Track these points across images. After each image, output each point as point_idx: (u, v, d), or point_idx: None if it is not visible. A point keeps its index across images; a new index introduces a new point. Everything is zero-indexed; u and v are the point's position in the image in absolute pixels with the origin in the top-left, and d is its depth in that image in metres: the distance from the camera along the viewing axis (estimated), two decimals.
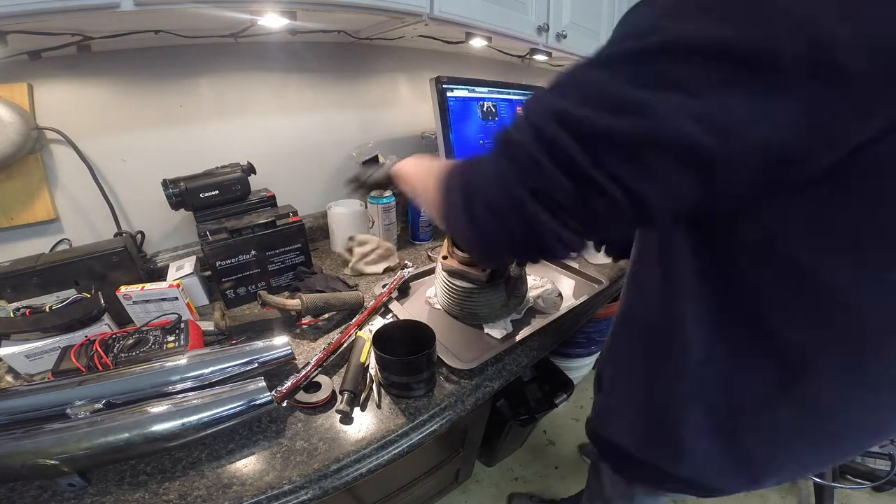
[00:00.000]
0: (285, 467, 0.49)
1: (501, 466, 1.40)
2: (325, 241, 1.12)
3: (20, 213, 0.74)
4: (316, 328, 0.76)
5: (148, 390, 0.53)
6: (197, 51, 0.84)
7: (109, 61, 0.76)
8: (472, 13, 0.85)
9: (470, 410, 0.62)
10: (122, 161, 0.83)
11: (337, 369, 0.65)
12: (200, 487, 0.47)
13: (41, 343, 0.62)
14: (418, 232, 1.11)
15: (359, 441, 0.53)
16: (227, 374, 0.57)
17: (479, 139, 1.22)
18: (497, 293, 0.73)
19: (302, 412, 0.57)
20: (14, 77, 0.69)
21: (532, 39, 1.05)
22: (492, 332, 0.75)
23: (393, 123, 1.26)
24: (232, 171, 0.86)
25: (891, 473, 1.22)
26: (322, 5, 0.64)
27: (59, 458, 0.43)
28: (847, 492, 1.32)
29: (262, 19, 0.69)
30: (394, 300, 0.83)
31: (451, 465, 0.97)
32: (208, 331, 0.69)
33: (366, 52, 1.10)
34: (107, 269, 0.72)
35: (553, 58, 1.31)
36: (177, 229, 0.94)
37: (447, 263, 0.73)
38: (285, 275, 0.88)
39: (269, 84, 0.97)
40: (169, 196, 0.79)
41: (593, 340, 1.46)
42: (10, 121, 0.66)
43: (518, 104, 1.38)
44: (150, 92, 0.83)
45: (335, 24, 0.90)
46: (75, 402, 0.50)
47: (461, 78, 1.15)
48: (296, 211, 0.86)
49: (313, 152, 1.10)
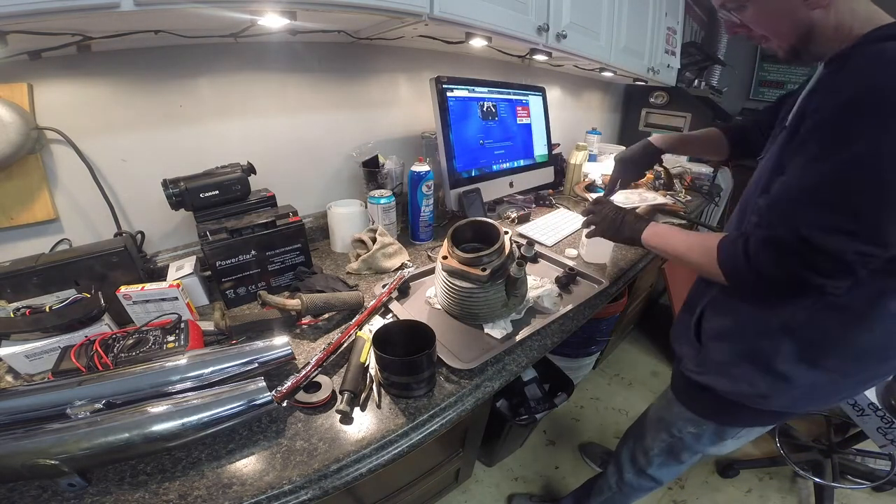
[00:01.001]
0: (285, 467, 0.49)
1: (501, 466, 1.40)
2: (325, 241, 1.12)
3: (20, 213, 0.74)
4: (316, 328, 0.76)
5: (148, 390, 0.53)
6: (197, 51, 0.84)
7: (109, 61, 0.76)
8: (472, 13, 0.85)
9: (470, 410, 0.62)
10: (122, 161, 0.83)
11: (337, 369, 0.65)
12: (200, 487, 0.47)
13: (41, 343, 0.62)
14: (418, 232, 1.11)
15: (359, 441, 0.53)
16: (227, 374, 0.57)
17: (479, 139, 1.22)
18: (497, 293, 0.73)
19: (302, 412, 0.57)
20: (14, 77, 0.69)
21: (532, 39, 1.05)
22: (492, 332, 0.75)
23: (393, 123, 1.26)
24: (232, 171, 0.86)
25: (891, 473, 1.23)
26: (322, 5, 0.64)
27: (59, 458, 0.43)
28: (847, 492, 1.32)
29: (262, 19, 0.69)
30: (394, 300, 0.83)
31: (451, 465, 0.97)
32: (208, 331, 0.69)
33: (366, 52, 1.10)
34: (107, 269, 0.72)
35: (553, 58, 1.31)
36: (177, 229, 0.94)
37: (447, 263, 0.73)
38: (285, 275, 0.88)
39: (269, 84, 0.97)
40: (169, 196, 0.79)
41: (593, 340, 1.46)
42: (10, 121, 0.66)
43: (518, 104, 1.38)
44: (150, 92, 0.83)
45: (335, 24, 0.90)
46: (75, 402, 0.50)
47: (461, 78, 1.15)
48: (296, 211, 0.86)
49: (313, 152, 1.10)
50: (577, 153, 1.58)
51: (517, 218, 1.28)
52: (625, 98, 2.47)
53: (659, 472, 0.87)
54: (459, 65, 1.38)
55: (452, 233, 0.76)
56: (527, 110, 1.43)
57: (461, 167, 1.15)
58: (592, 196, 1.49)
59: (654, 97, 2.26)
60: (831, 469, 1.30)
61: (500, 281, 0.72)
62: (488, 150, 1.26)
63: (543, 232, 1.18)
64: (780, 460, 1.36)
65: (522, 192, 1.43)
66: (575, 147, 1.61)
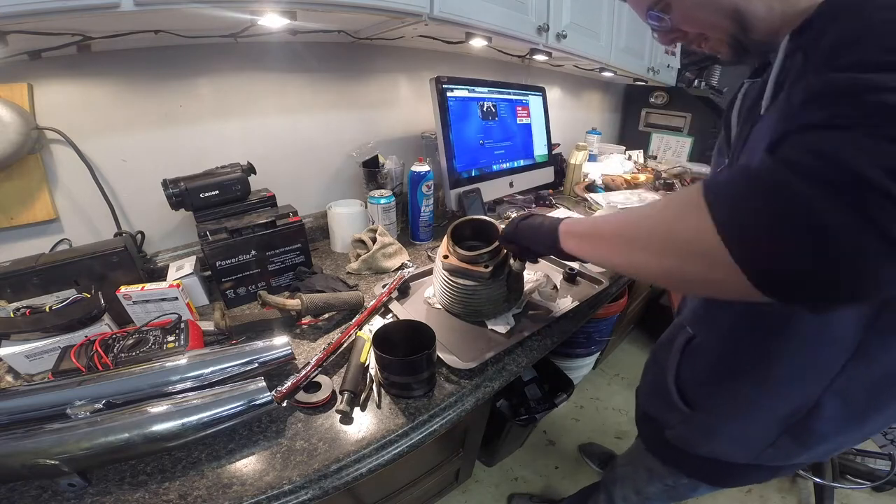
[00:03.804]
0: (285, 467, 0.49)
1: (501, 466, 1.40)
2: (325, 241, 1.12)
3: (20, 213, 0.74)
4: (316, 328, 0.76)
5: (148, 390, 0.53)
6: (197, 51, 0.84)
7: (109, 61, 0.76)
8: (472, 13, 0.85)
9: (470, 410, 0.62)
10: (122, 161, 0.83)
11: (337, 369, 0.65)
12: (200, 487, 0.47)
13: (41, 343, 0.62)
14: (418, 232, 1.11)
15: (359, 441, 0.53)
16: (227, 374, 0.57)
17: (479, 139, 1.22)
18: (498, 289, 0.73)
19: (302, 412, 0.57)
20: (14, 77, 0.69)
21: (532, 39, 1.05)
22: (496, 327, 0.75)
23: (393, 123, 1.26)
24: (232, 171, 0.86)
25: (891, 473, 1.22)
26: (322, 5, 0.64)
27: (59, 458, 0.43)
28: (847, 492, 1.32)
29: (262, 19, 0.69)
30: (394, 300, 0.83)
31: (451, 465, 0.97)
32: (208, 331, 0.69)
33: (366, 52, 1.10)
34: (107, 269, 0.72)
35: (553, 58, 1.31)
36: (177, 229, 0.94)
37: (448, 262, 0.73)
38: (285, 275, 0.88)
39: (269, 84, 0.97)
40: (169, 196, 0.79)
41: (593, 340, 1.46)
42: (10, 121, 0.66)
43: (518, 104, 1.38)
44: (150, 92, 0.83)
45: (335, 24, 0.90)
46: (75, 402, 0.50)
47: (461, 78, 1.15)
48: (296, 211, 0.86)
49: (313, 152, 1.10)
50: (577, 153, 1.58)
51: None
52: (625, 98, 2.47)
53: None
54: (459, 65, 1.38)
55: (452, 231, 0.76)
56: (527, 110, 1.43)
57: (461, 167, 1.15)
58: (592, 196, 1.49)
59: (654, 97, 2.26)
60: (831, 469, 1.30)
61: (501, 277, 0.72)
62: (488, 150, 1.26)
63: None
64: None
65: (522, 192, 1.43)
66: (575, 147, 1.61)
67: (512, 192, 1.37)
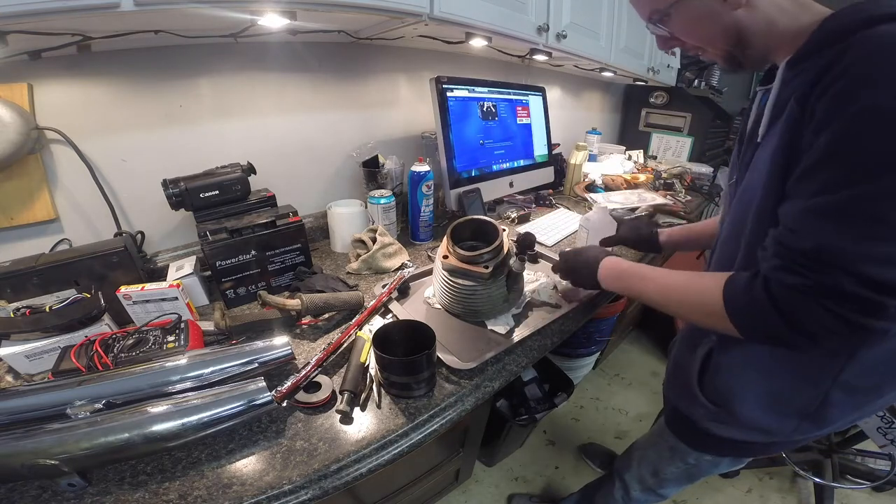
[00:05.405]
0: (285, 467, 0.49)
1: (501, 466, 1.40)
2: (325, 241, 1.12)
3: (20, 213, 0.74)
4: (316, 328, 0.76)
5: (148, 390, 0.53)
6: (197, 51, 0.84)
7: (109, 61, 0.76)
8: (472, 13, 0.85)
9: (470, 410, 0.62)
10: (122, 161, 0.83)
11: (337, 369, 0.65)
12: (200, 487, 0.47)
13: (41, 343, 0.62)
14: (418, 232, 1.11)
15: (359, 441, 0.53)
16: (227, 374, 0.57)
17: (479, 139, 1.22)
18: (499, 289, 0.73)
19: (302, 412, 0.57)
20: (14, 77, 0.69)
21: (532, 39, 1.05)
22: (495, 327, 0.75)
23: (393, 123, 1.26)
24: (232, 171, 0.86)
25: (891, 473, 1.22)
26: (322, 5, 0.64)
27: (59, 458, 0.43)
28: (847, 492, 1.32)
29: (261, 19, 0.69)
30: (393, 300, 0.83)
31: (451, 465, 0.97)
32: (208, 331, 0.69)
33: (366, 52, 1.10)
34: (107, 269, 0.72)
35: (553, 58, 1.31)
36: (177, 229, 0.94)
37: (448, 262, 0.73)
38: (285, 275, 0.88)
39: (269, 84, 0.97)
40: (169, 196, 0.79)
41: (593, 340, 1.46)
42: (10, 121, 0.66)
43: (518, 104, 1.38)
44: (150, 92, 0.83)
45: (335, 24, 0.90)
46: (75, 402, 0.50)
47: (461, 78, 1.15)
48: (296, 211, 0.86)
49: (313, 152, 1.10)
50: (577, 153, 1.58)
51: (517, 218, 1.28)
52: (625, 98, 2.47)
53: (669, 490, 0.85)
54: (459, 65, 1.38)
55: (452, 231, 0.76)
56: (527, 110, 1.43)
57: (461, 167, 1.15)
58: (592, 196, 1.49)
59: (654, 97, 2.26)
60: (831, 469, 1.30)
61: (500, 277, 0.72)
62: (488, 150, 1.26)
63: (543, 232, 1.18)
64: (781, 460, 1.36)
65: (522, 192, 1.43)
66: (575, 147, 1.61)
67: (512, 192, 1.37)
